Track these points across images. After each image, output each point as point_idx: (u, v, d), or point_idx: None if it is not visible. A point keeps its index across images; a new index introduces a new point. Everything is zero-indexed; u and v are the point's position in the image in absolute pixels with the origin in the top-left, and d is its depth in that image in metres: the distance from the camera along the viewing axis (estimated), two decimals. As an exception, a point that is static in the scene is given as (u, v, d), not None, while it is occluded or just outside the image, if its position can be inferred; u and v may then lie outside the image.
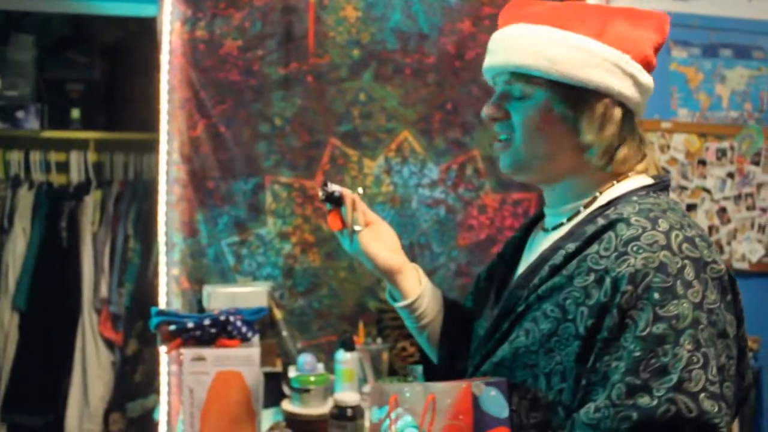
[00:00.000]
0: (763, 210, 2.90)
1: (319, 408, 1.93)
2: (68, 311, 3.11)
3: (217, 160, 2.35)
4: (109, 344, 3.14)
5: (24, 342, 3.12)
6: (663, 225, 0.95)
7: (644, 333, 0.90)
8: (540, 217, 1.22)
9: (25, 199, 3.18)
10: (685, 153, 2.80)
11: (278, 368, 2.18)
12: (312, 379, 1.95)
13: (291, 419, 1.92)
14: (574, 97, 1.04)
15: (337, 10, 2.42)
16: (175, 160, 2.33)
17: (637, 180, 1.09)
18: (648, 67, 1.07)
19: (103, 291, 3.11)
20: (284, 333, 2.26)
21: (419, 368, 1.47)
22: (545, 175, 1.10)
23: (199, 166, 2.34)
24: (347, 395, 1.78)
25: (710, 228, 2.84)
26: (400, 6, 2.45)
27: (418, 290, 1.25)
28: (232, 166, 2.37)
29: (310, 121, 2.41)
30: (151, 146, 2.97)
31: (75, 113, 3.31)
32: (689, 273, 0.92)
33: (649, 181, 1.09)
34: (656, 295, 0.91)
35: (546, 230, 1.15)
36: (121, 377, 3.14)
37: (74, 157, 3.26)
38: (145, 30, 2.62)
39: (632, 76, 1.05)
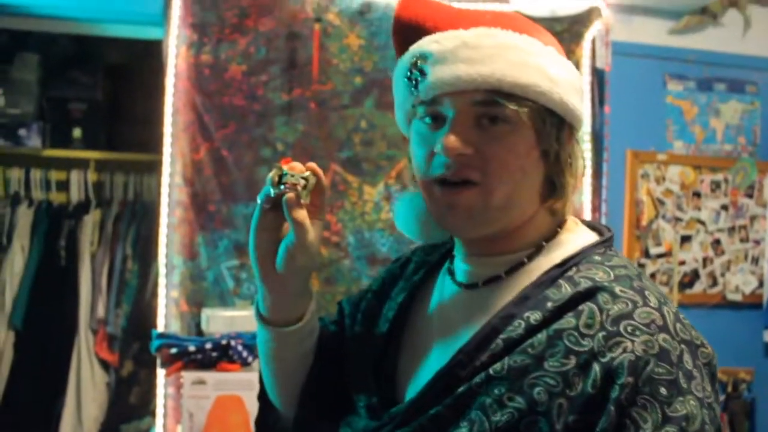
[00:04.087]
0: (756, 242, 2.94)
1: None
2: (64, 331, 3.11)
3: (219, 183, 2.38)
4: (105, 365, 3.14)
5: (19, 361, 3.11)
6: (652, 299, 0.79)
7: None
8: (437, 255, 0.98)
9: (25, 216, 3.19)
10: (680, 185, 2.84)
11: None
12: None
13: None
14: (557, 128, 0.84)
15: (340, 38, 2.45)
16: (177, 182, 2.34)
17: (582, 232, 0.90)
18: None
19: (100, 311, 3.11)
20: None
21: None
22: (499, 227, 0.85)
23: (201, 189, 2.36)
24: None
25: (705, 259, 2.87)
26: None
27: (307, 313, 0.94)
28: (233, 189, 2.39)
29: (311, 146, 2.44)
30: (151, 167, 3.00)
31: (77, 132, 3.33)
32: (687, 361, 0.76)
33: (593, 235, 0.90)
34: (663, 390, 0.73)
35: (470, 285, 0.89)
36: (115, 398, 3.13)
37: (74, 176, 3.28)
38: (149, 52, 2.65)
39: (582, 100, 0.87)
